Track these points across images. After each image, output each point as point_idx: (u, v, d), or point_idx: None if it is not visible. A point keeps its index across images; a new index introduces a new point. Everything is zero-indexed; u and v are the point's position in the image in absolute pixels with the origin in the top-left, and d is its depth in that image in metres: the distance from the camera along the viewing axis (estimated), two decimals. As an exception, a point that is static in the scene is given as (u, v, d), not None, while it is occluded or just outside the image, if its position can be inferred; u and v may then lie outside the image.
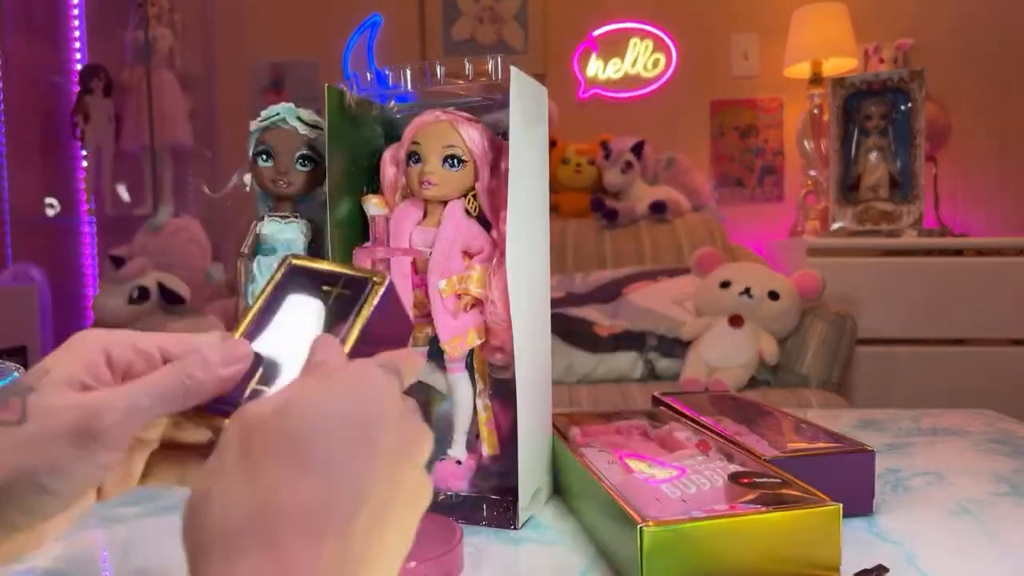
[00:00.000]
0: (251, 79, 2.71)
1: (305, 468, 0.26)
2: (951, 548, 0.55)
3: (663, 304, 1.79)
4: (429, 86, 0.64)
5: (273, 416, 0.27)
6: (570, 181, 2.37)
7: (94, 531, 0.61)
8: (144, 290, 1.99)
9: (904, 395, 1.92)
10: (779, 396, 1.52)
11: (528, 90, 0.61)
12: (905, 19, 2.48)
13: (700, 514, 0.48)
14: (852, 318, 1.67)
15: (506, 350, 0.62)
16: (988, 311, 1.94)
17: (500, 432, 0.66)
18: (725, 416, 0.74)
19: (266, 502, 0.25)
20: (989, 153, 2.49)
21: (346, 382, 0.29)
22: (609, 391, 1.59)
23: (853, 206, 2.10)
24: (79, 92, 2.59)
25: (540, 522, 0.62)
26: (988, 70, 2.48)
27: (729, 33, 2.60)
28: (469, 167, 0.62)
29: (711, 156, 2.64)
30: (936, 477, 0.70)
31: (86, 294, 2.78)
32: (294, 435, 0.27)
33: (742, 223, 2.51)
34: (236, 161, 2.59)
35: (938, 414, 0.95)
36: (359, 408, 0.28)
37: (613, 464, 0.61)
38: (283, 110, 0.67)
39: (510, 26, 2.65)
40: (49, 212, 2.74)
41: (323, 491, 0.26)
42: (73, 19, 2.76)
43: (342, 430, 0.27)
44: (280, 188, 0.68)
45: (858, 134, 2.12)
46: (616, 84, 2.65)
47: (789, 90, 2.53)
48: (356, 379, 0.29)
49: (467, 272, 0.62)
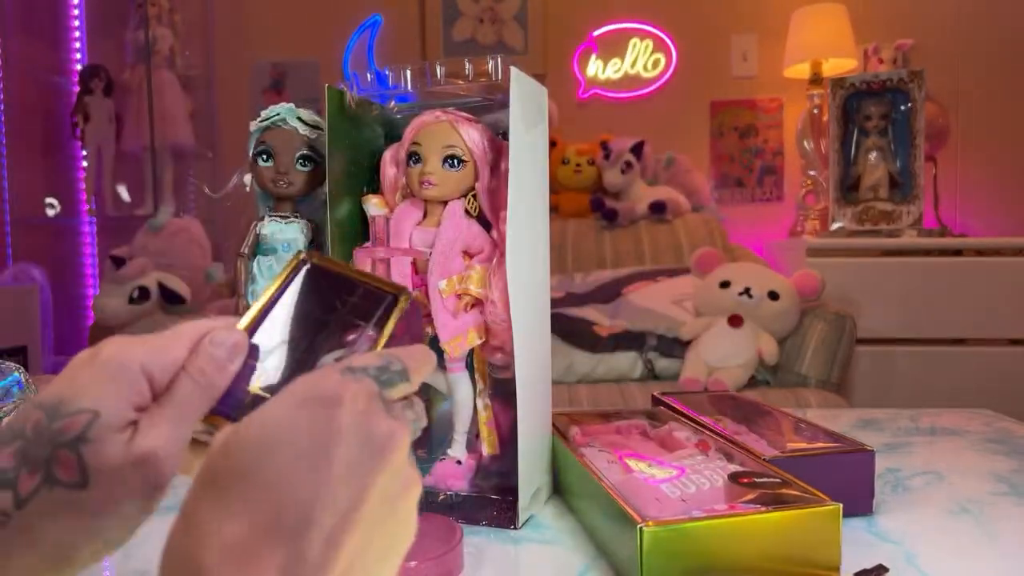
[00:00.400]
0: (251, 79, 2.72)
1: (240, 494, 0.26)
2: (951, 548, 0.55)
3: (663, 304, 1.79)
4: (429, 86, 0.64)
5: (220, 446, 0.27)
6: (570, 181, 2.37)
7: (95, 531, 0.61)
8: (144, 290, 1.99)
9: (903, 395, 1.92)
10: (778, 396, 1.52)
11: (528, 90, 0.61)
12: (905, 19, 2.48)
13: (700, 514, 0.48)
14: (852, 318, 1.67)
15: (506, 350, 0.62)
16: (987, 311, 1.94)
17: (500, 432, 0.66)
18: (725, 416, 0.74)
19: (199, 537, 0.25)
20: (989, 153, 2.49)
21: (296, 398, 0.28)
22: (609, 391, 1.59)
23: (853, 206, 2.10)
24: (79, 92, 2.59)
25: (540, 522, 0.62)
26: (988, 70, 2.48)
27: (729, 33, 2.60)
28: (469, 167, 0.62)
29: (711, 156, 2.64)
30: (935, 477, 0.70)
31: (86, 294, 2.78)
32: (235, 462, 0.26)
33: (742, 223, 2.51)
34: (236, 161, 2.59)
35: (937, 414, 0.95)
36: (306, 423, 0.27)
37: (613, 464, 0.61)
38: (283, 110, 0.67)
39: (510, 27, 2.65)
40: (49, 212, 2.74)
41: (263, 511, 0.25)
42: (73, 19, 2.76)
43: (287, 448, 0.26)
44: (280, 188, 0.68)
45: (858, 134, 2.11)
46: (616, 84, 2.65)
47: (789, 90, 2.53)
48: (306, 392, 0.28)
49: (467, 272, 0.62)
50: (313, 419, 0.27)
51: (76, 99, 2.60)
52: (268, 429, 0.27)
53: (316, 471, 0.26)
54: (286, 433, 0.27)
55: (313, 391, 0.28)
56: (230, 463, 0.26)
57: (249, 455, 0.26)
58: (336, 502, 0.26)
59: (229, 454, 0.27)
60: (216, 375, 0.32)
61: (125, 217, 2.63)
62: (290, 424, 0.27)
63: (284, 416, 0.27)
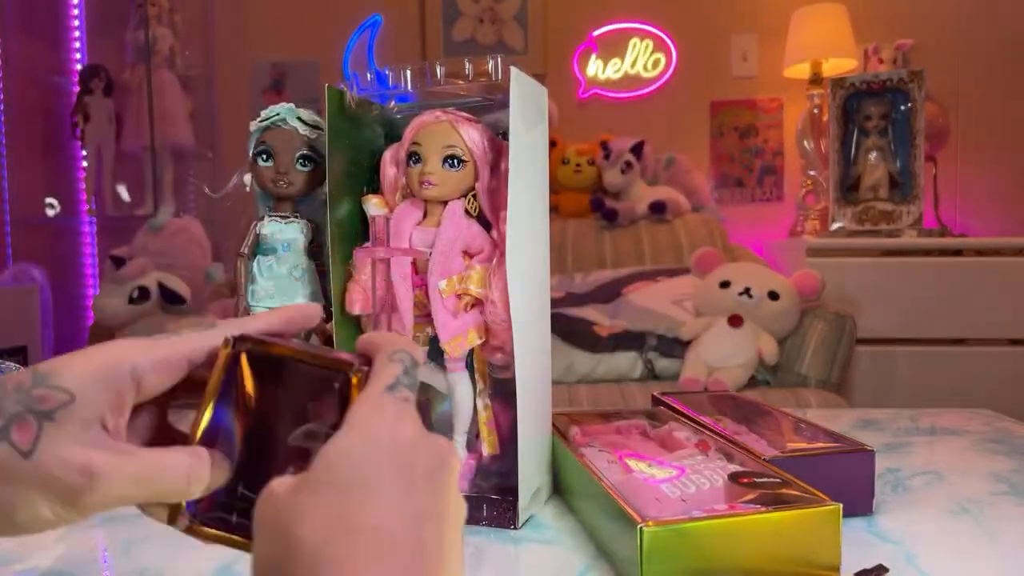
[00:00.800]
0: (251, 79, 2.72)
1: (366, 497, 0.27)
2: (951, 548, 0.55)
3: (663, 304, 1.79)
4: (429, 86, 0.64)
5: (301, 480, 0.28)
6: (570, 181, 2.37)
7: (94, 531, 0.61)
8: (144, 290, 1.98)
9: (903, 395, 1.92)
10: (778, 396, 1.52)
11: (528, 90, 0.61)
12: (905, 19, 2.48)
13: (700, 514, 0.48)
14: (851, 318, 1.67)
15: (506, 350, 0.62)
16: (987, 311, 1.94)
17: (500, 432, 0.66)
18: (725, 416, 0.74)
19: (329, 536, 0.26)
20: (989, 153, 2.49)
21: (366, 423, 0.30)
22: (609, 391, 1.59)
23: (853, 206, 2.10)
24: (79, 92, 2.59)
25: (540, 522, 0.62)
26: (988, 70, 2.48)
27: (729, 33, 2.60)
28: (469, 167, 0.62)
29: (711, 156, 2.64)
30: (935, 477, 0.70)
31: (86, 294, 2.78)
32: (331, 482, 0.27)
33: (742, 223, 2.51)
34: (236, 161, 2.59)
35: (937, 414, 0.95)
36: (384, 441, 0.29)
37: (613, 464, 0.61)
38: (283, 110, 0.67)
39: (510, 27, 2.65)
40: (49, 212, 2.74)
41: (386, 514, 0.27)
42: (73, 19, 2.76)
43: (379, 462, 0.28)
44: (280, 188, 0.68)
45: (858, 134, 2.11)
46: (616, 84, 2.65)
47: (789, 90, 2.53)
48: (370, 416, 0.30)
49: (467, 272, 0.62)
50: (389, 438, 0.29)
51: (76, 99, 2.60)
52: (350, 454, 0.28)
53: (411, 481, 0.28)
54: (368, 454, 0.28)
55: (378, 413, 0.30)
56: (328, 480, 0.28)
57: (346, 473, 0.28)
58: (427, 509, 0.28)
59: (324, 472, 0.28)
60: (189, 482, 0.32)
61: (125, 217, 2.62)
62: (368, 448, 0.28)
63: (362, 443, 0.29)
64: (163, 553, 0.56)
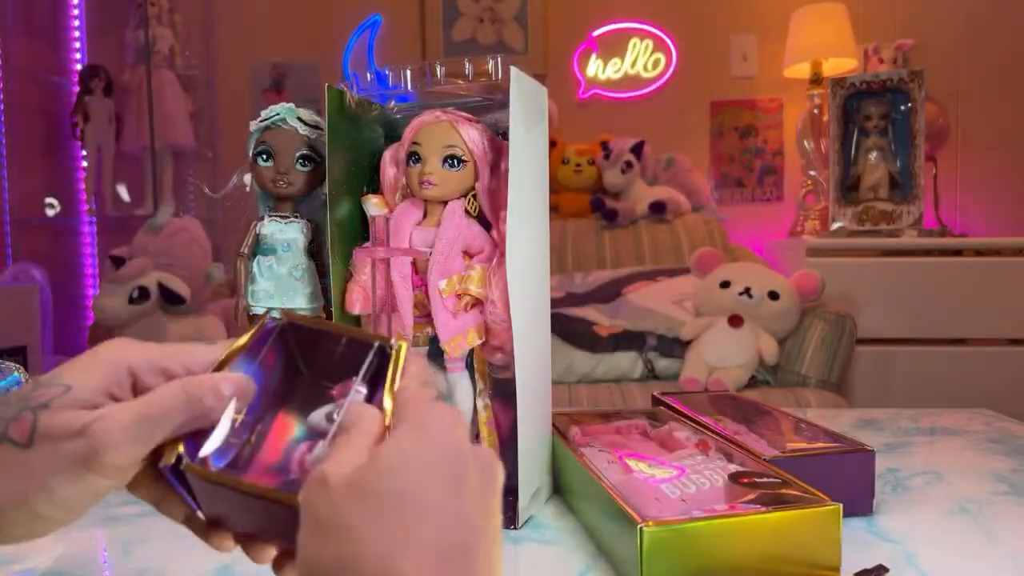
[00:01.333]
0: (252, 79, 2.72)
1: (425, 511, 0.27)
2: (950, 548, 0.55)
3: (663, 304, 1.79)
4: (429, 86, 0.64)
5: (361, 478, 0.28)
6: (570, 181, 2.37)
7: (94, 531, 0.61)
8: (144, 290, 1.98)
9: (903, 395, 1.92)
10: (778, 396, 1.52)
11: (528, 90, 0.61)
12: (905, 19, 2.48)
13: (700, 514, 0.48)
14: (852, 318, 1.67)
15: (506, 350, 0.62)
16: (987, 311, 1.94)
17: (500, 432, 0.66)
18: (725, 416, 0.74)
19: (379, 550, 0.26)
20: (989, 153, 2.49)
21: (423, 424, 0.30)
22: (609, 391, 1.59)
23: (853, 206, 2.10)
24: (79, 92, 2.59)
25: (540, 522, 0.62)
26: (988, 70, 2.48)
27: (728, 33, 2.60)
28: (469, 167, 0.62)
29: (711, 156, 2.64)
30: (935, 477, 0.70)
31: (86, 294, 2.78)
32: (393, 489, 0.27)
33: (742, 223, 2.51)
34: (236, 161, 2.58)
35: (937, 414, 0.95)
36: (442, 449, 0.29)
37: (613, 464, 0.61)
38: (283, 110, 0.67)
39: (510, 27, 2.65)
40: (49, 212, 2.74)
41: (445, 532, 0.27)
42: (73, 19, 2.76)
43: (438, 474, 0.28)
44: (280, 188, 0.68)
45: (858, 134, 2.11)
46: (616, 84, 2.65)
47: (789, 90, 2.53)
48: (431, 422, 0.30)
49: (467, 272, 0.62)
50: (448, 449, 0.29)
51: (76, 99, 2.60)
52: (414, 461, 0.28)
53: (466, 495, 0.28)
54: (430, 465, 0.28)
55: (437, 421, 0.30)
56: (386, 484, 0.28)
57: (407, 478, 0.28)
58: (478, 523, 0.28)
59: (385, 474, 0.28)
60: (207, 396, 0.31)
61: (125, 217, 2.62)
62: (429, 458, 0.29)
63: (425, 451, 0.29)
64: (163, 553, 0.56)
